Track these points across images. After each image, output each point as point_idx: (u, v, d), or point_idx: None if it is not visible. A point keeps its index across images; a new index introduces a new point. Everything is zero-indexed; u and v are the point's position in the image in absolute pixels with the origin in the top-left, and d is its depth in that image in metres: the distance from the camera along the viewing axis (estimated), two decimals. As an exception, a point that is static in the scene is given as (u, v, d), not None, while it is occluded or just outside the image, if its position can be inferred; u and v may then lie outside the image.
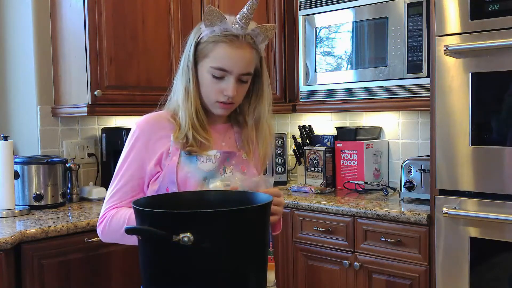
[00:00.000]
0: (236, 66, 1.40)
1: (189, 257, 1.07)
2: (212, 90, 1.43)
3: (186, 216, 1.07)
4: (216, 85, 1.42)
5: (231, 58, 1.40)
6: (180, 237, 1.04)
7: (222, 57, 1.40)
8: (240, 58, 1.41)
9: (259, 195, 1.27)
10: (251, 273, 1.15)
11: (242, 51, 1.41)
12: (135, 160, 1.46)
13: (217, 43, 1.41)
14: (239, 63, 1.41)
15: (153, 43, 2.84)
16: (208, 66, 1.42)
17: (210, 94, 1.44)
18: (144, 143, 1.46)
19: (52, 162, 2.60)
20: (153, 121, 1.50)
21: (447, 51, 2.09)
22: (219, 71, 1.41)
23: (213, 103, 1.45)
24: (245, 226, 1.11)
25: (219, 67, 1.40)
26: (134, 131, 1.50)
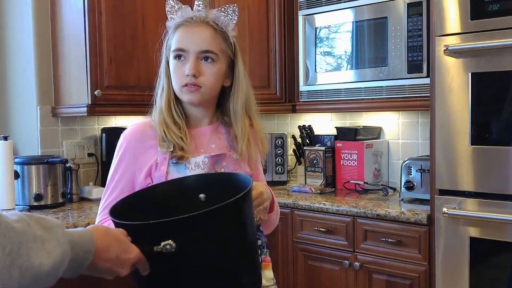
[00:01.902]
0: (192, 43, 1.42)
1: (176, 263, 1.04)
2: (177, 75, 1.44)
3: (164, 225, 1.03)
4: (180, 68, 1.43)
5: (187, 37, 1.42)
6: (161, 246, 1.01)
7: (179, 38, 1.43)
8: (196, 35, 1.42)
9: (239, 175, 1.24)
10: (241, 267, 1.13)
11: (198, 29, 1.43)
12: (125, 173, 1.45)
13: (176, 29, 1.45)
14: (196, 40, 1.42)
15: (153, 43, 2.81)
16: (171, 52, 1.45)
17: (176, 81, 1.44)
18: (132, 155, 1.45)
19: (52, 162, 2.60)
20: (139, 132, 1.49)
21: (447, 51, 2.09)
22: (178, 52, 1.43)
23: (181, 89, 1.44)
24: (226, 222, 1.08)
25: (177, 48, 1.43)
26: (121, 143, 1.48)
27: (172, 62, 1.45)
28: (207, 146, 1.50)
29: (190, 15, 1.45)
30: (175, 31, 1.45)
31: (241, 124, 1.50)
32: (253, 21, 3.03)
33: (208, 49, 1.43)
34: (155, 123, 1.46)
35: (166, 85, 1.48)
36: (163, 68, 1.50)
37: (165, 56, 1.49)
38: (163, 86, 1.49)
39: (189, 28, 1.43)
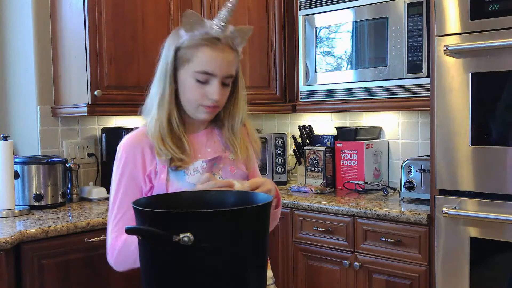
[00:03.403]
0: (219, 69, 1.40)
1: (189, 257, 1.07)
2: (196, 94, 1.41)
3: (186, 216, 1.07)
4: (200, 89, 1.41)
5: (215, 61, 1.39)
6: (180, 237, 1.04)
7: (206, 61, 1.39)
8: (223, 61, 1.40)
9: (259, 195, 1.27)
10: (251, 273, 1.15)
11: (224, 54, 1.40)
12: (130, 184, 1.45)
13: (199, 47, 1.39)
14: (223, 66, 1.40)
15: (153, 43, 2.84)
16: (192, 71, 1.40)
17: (193, 99, 1.42)
18: (134, 165, 1.45)
19: (52, 162, 2.60)
20: (136, 142, 1.47)
21: (447, 51, 2.09)
22: (203, 75, 1.39)
23: (197, 107, 1.43)
24: (245, 226, 1.11)
25: (204, 71, 1.39)
26: (120, 155, 1.48)
27: (192, 81, 1.41)
28: (204, 150, 1.50)
29: (214, 34, 1.40)
30: (198, 49, 1.40)
31: (239, 133, 1.53)
32: (253, 21, 3.03)
33: (231, 74, 1.44)
34: (152, 135, 1.44)
35: (169, 94, 1.44)
36: (168, 77, 1.44)
37: (172, 64, 1.43)
38: (165, 98, 1.44)
39: (217, 51, 1.39)
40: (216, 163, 1.48)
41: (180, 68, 1.43)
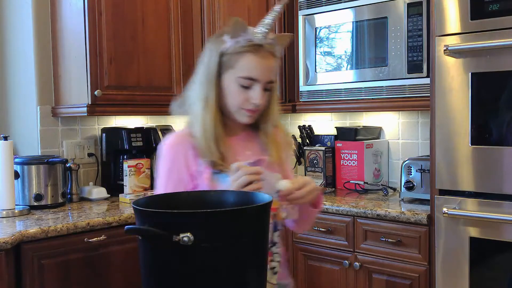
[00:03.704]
0: (263, 75, 1.45)
1: (189, 257, 1.07)
2: (239, 99, 1.46)
3: (186, 216, 1.07)
4: (243, 94, 1.46)
5: (258, 68, 1.44)
6: (180, 237, 1.04)
7: (250, 67, 1.44)
8: (266, 67, 1.46)
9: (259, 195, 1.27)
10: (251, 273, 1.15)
11: (267, 60, 1.46)
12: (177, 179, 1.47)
13: (243, 53, 1.44)
14: (266, 71, 1.46)
15: (153, 43, 2.85)
16: (235, 76, 1.45)
17: (236, 102, 1.47)
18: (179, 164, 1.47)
19: (52, 162, 2.60)
20: (179, 142, 1.51)
21: (447, 51, 2.10)
22: (247, 80, 1.44)
23: (239, 111, 1.48)
24: (245, 226, 1.11)
25: (247, 77, 1.44)
26: (165, 154, 1.50)
27: (235, 85, 1.45)
28: (243, 153, 1.52)
29: (257, 41, 1.45)
30: (242, 55, 1.44)
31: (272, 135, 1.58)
32: (253, 21, 3.00)
33: (273, 80, 1.49)
34: (198, 137, 1.48)
35: (214, 102, 1.47)
36: (213, 82, 1.47)
37: (216, 69, 1.47)
38: (209, 102, 1.48)
39: (260, 58, 1.45)
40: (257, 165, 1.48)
41: (224, 73, 1.47)
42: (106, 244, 2.31)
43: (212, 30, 3.05)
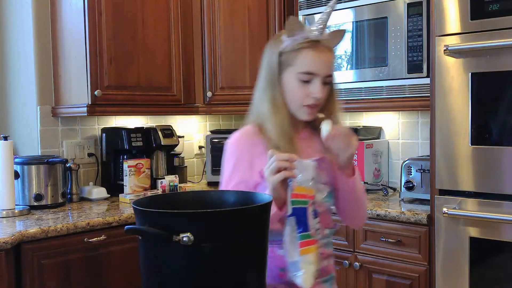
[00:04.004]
0: (321, 68, 1.47)
1: (189, 257, 1.07)
2: (299, 95, 1.48)
3: (186, 216, 1.07)
4: (303, 89, 1.47)
5: (317, 62, 1.47)
6: (180, 237, 1.04)
7: (308, 61, 1.46)
8: (324, 60, 1.48)
9: (259, 195, 1.27)
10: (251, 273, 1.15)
11: (325, 54, 1.48)
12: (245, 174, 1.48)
13: (301, 50, 1.47)
14: (324, 65, 1.48)
15: (153, 43, 2.85)
16: (295, 73, 1.47)
17: (297, 99, 1.49)
18: (246, 160, 1.49)
19: (52, 162, 2.60)
20: (247, 139, 1.54)
21: (447, 51, 2.10)
22: (306, 75, 1.46)
23: (300, 107, 1.50)
24: (245, 226, 1.11)
25: (307, 71, 1.46)
26: (232, 150, 1.53)
27: (295, 82, 1.48)
28: (306, 151, 1.52)
29: (314, 37, 1.47)
30: (300, 52, 1.47)
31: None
32: (253, 21, 3.03)
33: (331, 73, 1.50)
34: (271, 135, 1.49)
35: (281, 101, 1.50)
36: (275, 81, 1.51)
37: (277, 69, 1.50)
38: (276, 102, 1.50)
39: (318, 52, 1.47)
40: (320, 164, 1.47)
41: (284, 71, 1.50)
42: (106, 244, 2.31)
43: (212, 30, 3.05)
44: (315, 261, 1.34)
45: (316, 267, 1.34)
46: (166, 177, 2.94)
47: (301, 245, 1.32)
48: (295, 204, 1.33)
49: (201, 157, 3.56)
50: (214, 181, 3.24)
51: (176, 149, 3.19)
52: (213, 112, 3.15)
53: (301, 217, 1.33)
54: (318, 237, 1.39)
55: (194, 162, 3.53)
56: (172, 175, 2.97)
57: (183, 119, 3.42)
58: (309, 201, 1.35)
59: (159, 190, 2.87)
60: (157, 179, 2.98)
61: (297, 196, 1.34)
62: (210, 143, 3.25)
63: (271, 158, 1.34)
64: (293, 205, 1.33)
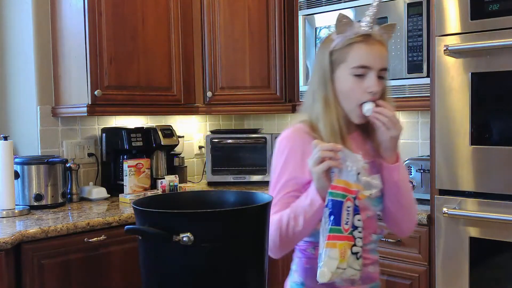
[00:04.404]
0: (375, 61, 1.43)
1: (189, 257, 1.07)
2: (354, 91, 1.43)
3: (186, 216, 1.07)
4: (359, 84, 1.43)
5: (370, 55, 1.43)
6: (180, 237, 1.04)
7: (361, 55, 1.42)
8: (377, 53, 1.44)
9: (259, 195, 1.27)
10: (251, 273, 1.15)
11: (377, 47, 1.44)
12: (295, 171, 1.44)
13: (353, 45, 1.43)
14: (378, 58, 1.43)
15: (153, 43, 2.85)
16: (348, 68, 1.43)
17: (352, 96, 1.44)
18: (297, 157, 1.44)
19: (52, 162, 2.60)
20: (298, 137, 1.49)
21: (447, 51, 2.10)
22: (360, 69, 1.42)
23: (355, 107, 1.44)
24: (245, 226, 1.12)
25: (360, 65, 1.42)
26: (283, 146, 1.48)
27: (349, 78, 1.43)
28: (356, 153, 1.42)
29: (366, 32, 1.44)
30: (352, 47, 1.43)
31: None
32: (253, 21, 3.04)
33: (385, 66, 1.45)
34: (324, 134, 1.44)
35: (334, 100, 1.46)
36: (328, 80, 1.46)
37: (329, 68, 1.46)
38: (329, 101, 1.46)
39: (370, 45, 1.43)
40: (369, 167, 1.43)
41: (336, 70, 1.46)
42: (106, 244, 2.31)
43: (212, 30, 3.05)
44: (340, 258, 1.28)
45: (339, 264, 1.27)
46: (166, 177, 2.94)
47: (329, 238, 1.28)
48: (331, 196, 1.29)
49: (201, 157, 3.56)
50: (214, 181, 3.24)
51: (176, 149, 3.20)
52: (213, 112, 3.15)
53: (334, 210, 1.29)
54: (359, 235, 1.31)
55: (194, 162, 3.53)
56: (172, 175, 2.97)
57: (183, 119, 3.42)
58: (348, 195, 1.30)
59: (159, 190, 2.87)
60: (157, 179, 2.98)
61: (335, 188, 1.30)
62: (210, 143, 3.25)
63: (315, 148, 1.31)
64: (329, 197, 1.29)
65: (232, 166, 3.26)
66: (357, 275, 1.31)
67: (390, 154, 1.46)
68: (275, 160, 1.50)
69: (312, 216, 1.34)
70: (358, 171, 1.31)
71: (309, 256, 1.48)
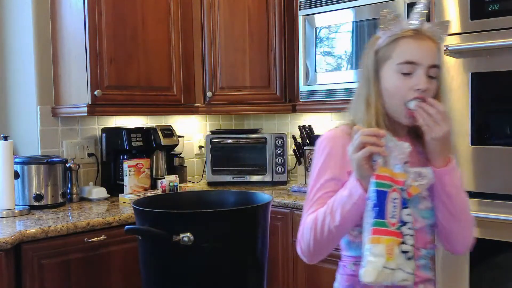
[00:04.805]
0: (423, 57, 1.31)
1: (189, 257, 1.07)
2: (401, 89, 1.32)
3: (186, 216, 1.07)
4: (405, 82, 1.32)
5: (417, 50, 1.32)
6: (180, 237, 1.05)
7: (407, 50, 1.32)
8: (425, 48, 1.32)
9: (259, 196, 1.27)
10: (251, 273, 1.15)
11: (426, 42, 1.33)
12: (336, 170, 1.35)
13: (398, 40, 1.34)
14: (426, 53, 1.32)
15: (153, 43, 2.85)
16: (394, 65, 1.33)
17: (398, 95, 1.33)
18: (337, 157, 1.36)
19: (52, 162, 2.60)
20: (340, 137, 1.40)
21: (447, 51, 2.09)
22: (407, 65, 1.31)
23: (402, 106, 1.33)
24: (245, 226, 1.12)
25: (406, 61, 1.32)
26: (324, 146, 1.40)
27: (395, 75, 1.33)
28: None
29: (414, 27, 1.34)
30: (398, 42, 1.33)
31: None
32: (253, 21, 3.04)
33: (435, 63, 1.33)
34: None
35: (374, 97, 1.36)
36: (371, 80, 1.37)
37: (373, 66, 1.37)
38: (370, 102, 1.36)
39: (418, 40, 1.32)
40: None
41: (381, 68, 1.36)
42: (106, 244, 2.31)
43: (212, 30, 3.05)
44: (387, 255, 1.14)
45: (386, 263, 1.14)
46: (166, 177, 2.94)
47: (373, 232, 1.16)
48: (374, 186, 1.17)
49: (201, 157, 3.56)
50: (214, 181, 3.24)
51: (176, 149, 3.20)
52: (213, 112, 3.16)
53: (378, 201, 1.16)
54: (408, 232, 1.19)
55: (194, 162, 3.53)
56: (172, 175, 2.97)
57: (183, 119, 3.42)
58: (394, 186, 1.18)
59: (159, 190, 2.87)
60: (157, 179, 2.98)
61: (379, 177, 1.18)
62: (210, 143, 3.26)
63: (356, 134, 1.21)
64: (372, 187, 1.18)
65: (232, 166, 3.26)
66: (409, 279, 1.17)
67: (436, 157, 1.31)
68: (314, 161, 1.41)
69: (351, 209, 1.24)
70: (405, 160, 1.19)
71: (350, 273, 1.39)
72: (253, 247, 1.16)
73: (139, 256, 1.17)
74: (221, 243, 1.09)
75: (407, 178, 1.19)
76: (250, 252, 1.15)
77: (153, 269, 1.13)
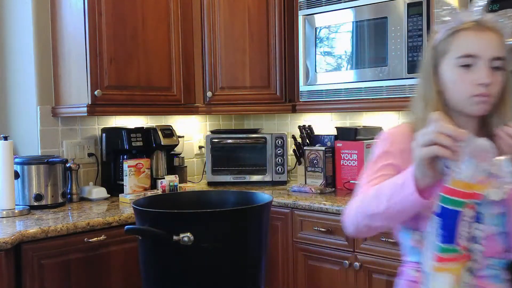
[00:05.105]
0: (483, 49, 1.25)
1: (189, 256, 1.07)
2: (463, 84, 1.26)
3: (186, 216, 1.07)
4: (467, 76, 1.26)
5: (477, 42, 1.26)
6: (180, 237, 1.05)
7: (466, 43, 1.26)
8: (486, 40, 1.26)
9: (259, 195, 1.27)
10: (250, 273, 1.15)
11: (486, 33, 1.27)
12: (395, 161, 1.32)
13: (455, 34, 1.28)
14: (486, 45, 1.26)
15: (153, 43, 2.85)
16: (453, 59, 1.28)
17: (462, 90, 1.27)
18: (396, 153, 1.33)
19: (52, 162, 2.60)
20: (400, 134, 1.36)
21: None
22: (466, 58, 1.26)
23: (468, 99, 1.26)
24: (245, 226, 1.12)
25: (466, 54, 1.26)
26: (385, 138, 1.39)
27: (455, 70, 1.27)
28: None
29: (473, 18, 1.28)
30: (456, 35, 1.28)
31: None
32: (253, 21, 3.04)
33: (498, 55, 1.26)
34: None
35: (434, 94, 1.31)
36: (430, 77, 1.33)
37: (431, 63, 1.32)
38: (427, 95, 1.32)
39: (477, 31, 1.26)
40: None
41: (440, 64, 1.31)
42: (106, 244, 2.31)
43: (212, 30, 3.05)
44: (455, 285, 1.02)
45: None
46: (166, 177, 2.94)
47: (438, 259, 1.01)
48: (444, 203, 1.00)
49: (201, 157, 3.56)
50: (214, 181, 3.24)
51: (176, 149, 3.20)
52: (213, 112, 3.16)
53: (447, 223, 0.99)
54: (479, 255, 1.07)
55: (194, 162, 3.53)
56: (172, 175, 2.97)
57: (183, 119, 3.42)
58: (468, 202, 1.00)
59: (159, 190, 2.87)
60: (157, 179, 2.98)
61: (450, 192, 1.00)
62: (210, 143, 3.26)
63: (432, 123, 1.08)
64: (441, 203, 1.01)
65: (232, 166, 3.26)
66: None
67: None
68: (374, 150, 1.39)
69: (399, 203, 1.15)
70: (486, 168, 0.98)
71: (410, 278, 1.31)
72: (253, 247, 1.16)
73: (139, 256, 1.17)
74: (221, 243, 1.09)
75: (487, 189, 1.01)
76: (250, 252, 1.15)
77: (153, 269, 1.13)
